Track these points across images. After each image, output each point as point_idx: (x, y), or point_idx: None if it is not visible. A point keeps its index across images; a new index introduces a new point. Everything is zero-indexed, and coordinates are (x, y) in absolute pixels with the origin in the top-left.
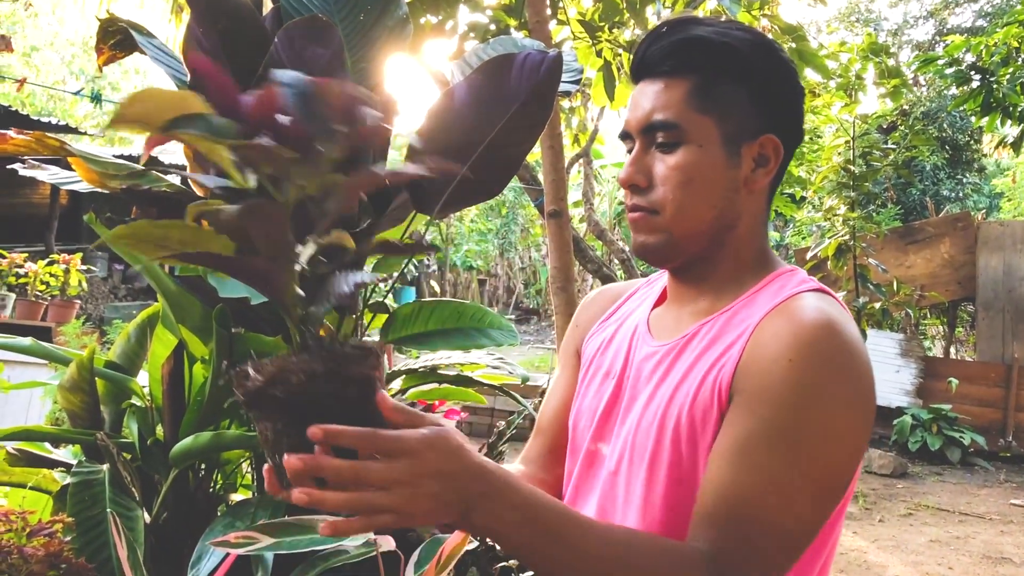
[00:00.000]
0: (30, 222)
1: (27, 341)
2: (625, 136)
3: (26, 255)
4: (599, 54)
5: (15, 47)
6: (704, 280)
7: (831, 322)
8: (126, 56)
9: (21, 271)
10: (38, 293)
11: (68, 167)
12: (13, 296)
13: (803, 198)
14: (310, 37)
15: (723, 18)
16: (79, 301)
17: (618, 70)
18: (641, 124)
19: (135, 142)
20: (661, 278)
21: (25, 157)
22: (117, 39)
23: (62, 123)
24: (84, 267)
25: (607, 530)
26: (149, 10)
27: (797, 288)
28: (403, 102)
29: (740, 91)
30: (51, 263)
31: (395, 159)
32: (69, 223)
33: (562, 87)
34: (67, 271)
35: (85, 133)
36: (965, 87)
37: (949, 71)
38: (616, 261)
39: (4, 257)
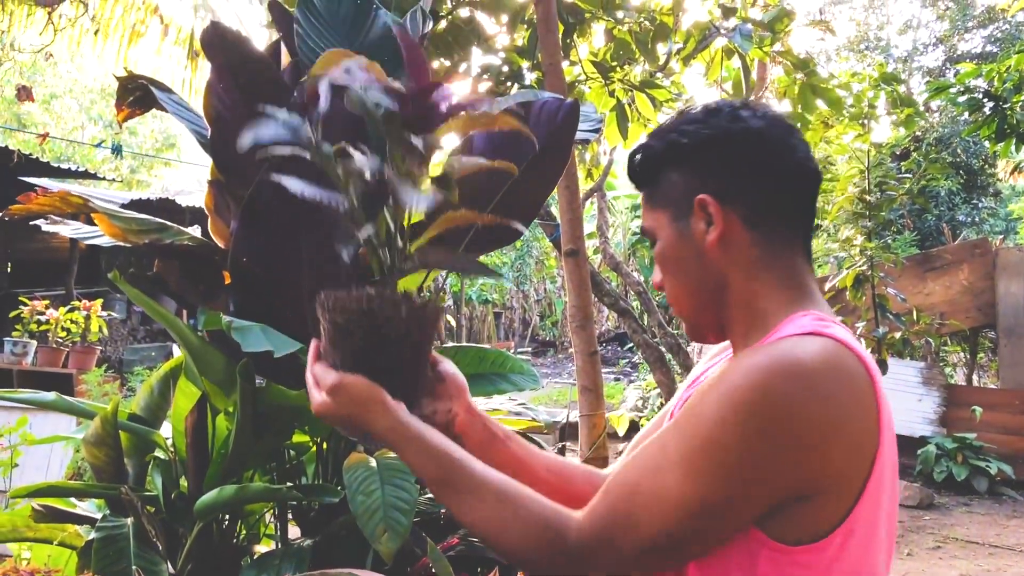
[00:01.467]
0: (51, 267)
1: (51, 396)
2: None
3: (47, 302)
4: (611, 94)
5: (36, 95)
6: (732, 339)
7: (760, 363)
8: (145, 112)
9: (42, 318)
10: (59, 340)
11: (90, 221)
12: (35, 343)
13: (818, 227)
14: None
15: (734, 57)
16: (99, 347)
17: (630, 106)
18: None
19: (153, 185)
20: None
21: (51, 216)
22: (137, 95)
23: (81, 168)
24: (104, 312)
25: (500, 476)
26: (166, 57)
27: (785, 333)
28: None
29: (673, 176)
30: (72, 309)
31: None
32: (89, 267)
33: (581, 135)
34: (88, 317)
35: (103, 178)
36: (978, 114)
37: (962, 99)
38: (632, 293)
39: (26, 304)
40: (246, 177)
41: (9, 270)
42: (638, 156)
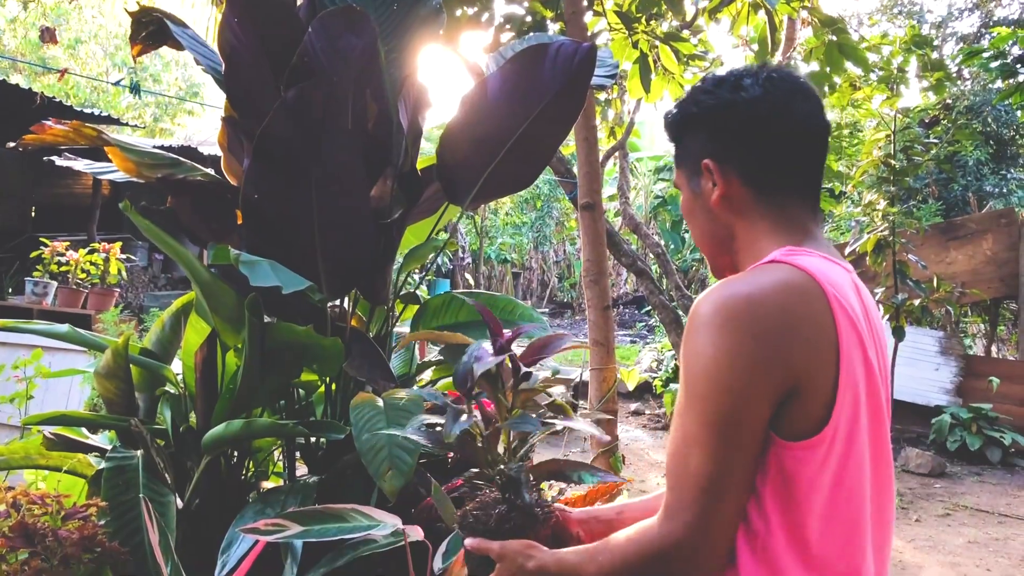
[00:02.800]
0: (73, 212)
1: (64, 328)
2: None
3: (68, 244)
4: (635, 46)
5: (61, 40)
6: None
7: (714, 292)
8: (160, 47)
9: (63, 259)
10: (79, 281)
11: (106, 158)
12: (55, 284)
13: (842, 193)
14: (344, 26)
15: (760, 13)
16: (119, 289)
17: (654, 63)
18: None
19: (176, 133)
20: None
21: (63, 147)
22: (151, 30)
23: (104, 114)
24: (124, 256)
25: (599, 546)
26: (190, 2)
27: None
28: (436, 92)
29: (689, 139)
30: (91, 251)
31: (428, 150)
32: (111, 213)
33: (597, 81)
34: (107, 259)
35: (127, 124)
36: (1011, 80)
37: (994, 64)
38: (651, 255)
39: (46, 246)
40: (260, 114)
41: (33, 215)
42: (666, 121)
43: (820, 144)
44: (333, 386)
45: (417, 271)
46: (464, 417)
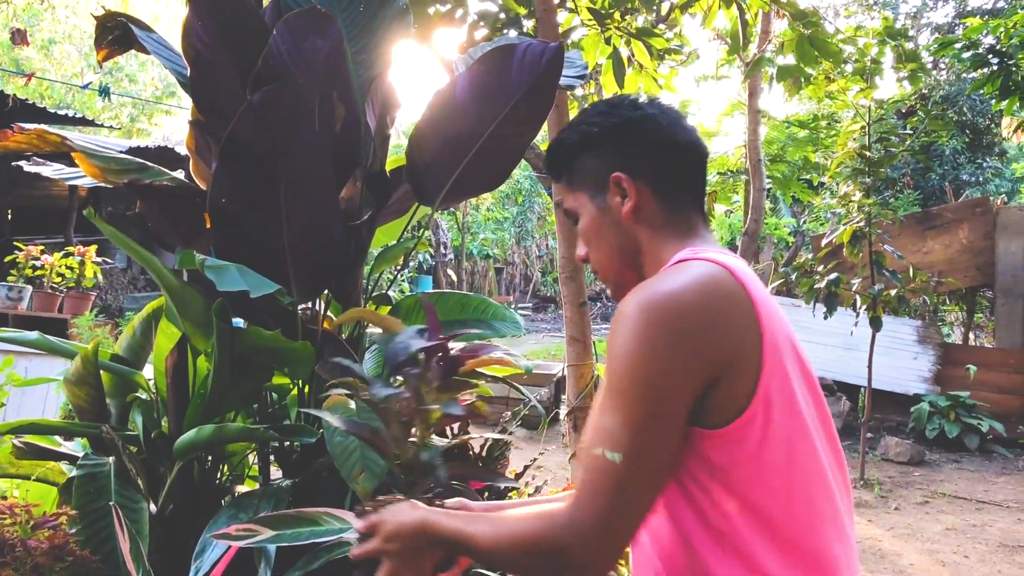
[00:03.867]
0: (50, 214)
1: (33, 335)
2: None
3: (42, 247)
4: (608, 41)
5: (35, 41)
6: None
7: (637, 292)
8: (125, 51)
9: (37, 263)
10: (54, 285)
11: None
12: (30, 288)
13: (821, 184)
14: (309, 29)
15: (733, 7)
16: (95, 292)
17: (628, 59)
18: (563, 214)
19: (153, 133)
20: None
21: (29, 153)
22: (116, 35)
23: (79, 115)
24: (100, 259)
25: (495, 517)
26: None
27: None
28: (406, 92)
29: (587, 159)
30: (67, 255)
31: (396, 154)
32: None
33: (566, 81)
34: (82, 263)
35: (103, 125)
36: (983, 70)
37: (967, 55)
38: None
39: (20, 250)
40: (226, 117)
41: (9, 217)
42: (555, 147)
43: (704, 161)
44: (306, 389)
45: (395, 269)
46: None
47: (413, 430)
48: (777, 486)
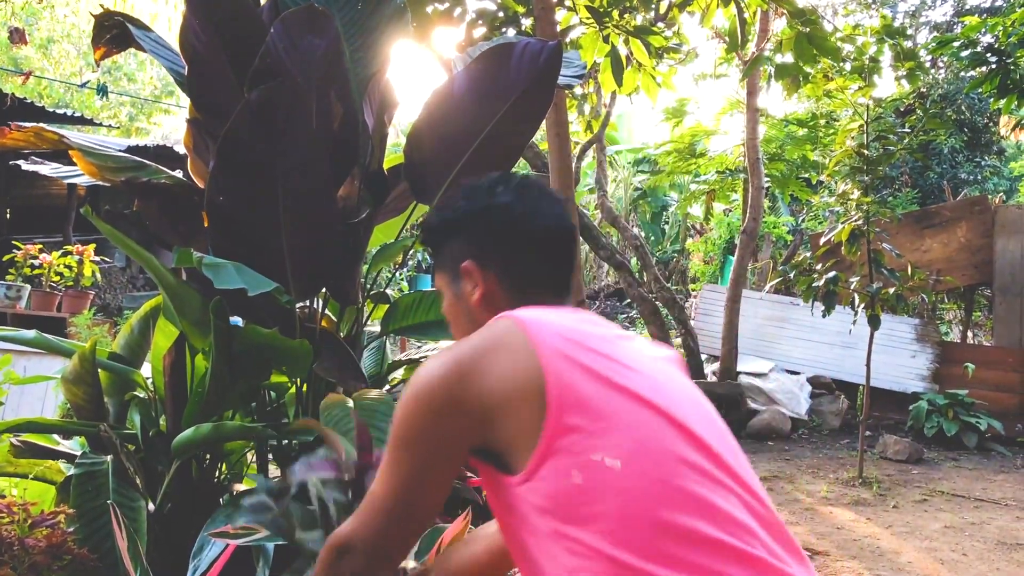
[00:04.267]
0: (49, 213)
1: (31, 334)
2: None
3: (40, 246)
4: (606, 39)
5: (33, 40)
6: None
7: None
8: (123, 50)
9: (36, 262)
10: (52, 284)
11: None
12: (28, 288)
13: (819, 182)
14: (306, 27)
15: (731, 5)
16: (94, 291)
17: (627, 58)
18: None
19: (152, 132)
20: None
21: (27, 151)
22: (114, 33)
23: (78, 114)
24: (99, 258)
25: None
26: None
27: None
28: (405, 91)
29: (448, 246)
30: (65, 254)
31: (395, 153)
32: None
33: (564, 80)
34: (81, 261)
35: (102, 124)
36: (982, 69)
37: (965, 53)
38: (629, 248)
39: (19, 249)
40: (223, 116)
41: (8, 216)
42: (424, 228)
43: (568, 242)
44: (304, 387)
45: (394, 267)
46: None
47: None
48: (621, 511)
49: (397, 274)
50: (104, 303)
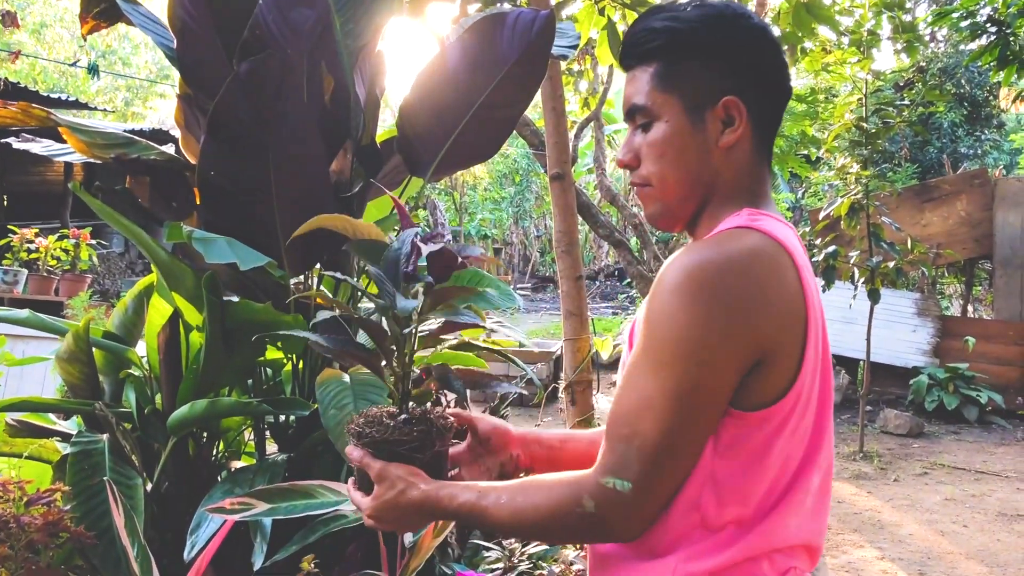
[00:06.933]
0: (45, 199)
1: (24, 313)
2: (624, 120)
3: (37, 231)
4: (602, 12)
5: (26, 24)
6: (695, 234)
7: (683, 258)
8: (112, 24)
9: (32, 246)
10: (49, 268)
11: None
12: (25, 272)
13: (819, 158)
14: None
15: None
16: (92, 275)
17: (625, 23)
18: (625, 110)
19: (148, 117)
20: None
21: (15, 128)
22: (102, 7)
23: (72, 99)
24: (95, 241)
25: (512, 486)
26: None
27: (720, 229)
28: (396, 63)
29: (696, 65)
30: (61, 238)
31: (387, 121)
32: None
33: (558, 51)
34: (77, 245)
35: (96, 108)
36: (981, 41)
37: (964, 24)
38: (629, 227)
39: (15, 233)
40: (213, 89)
41: (4, 203)
42: (660, 33)
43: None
44: (300, 364)
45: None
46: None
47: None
48: (769, 476)
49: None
50: (103, 288)
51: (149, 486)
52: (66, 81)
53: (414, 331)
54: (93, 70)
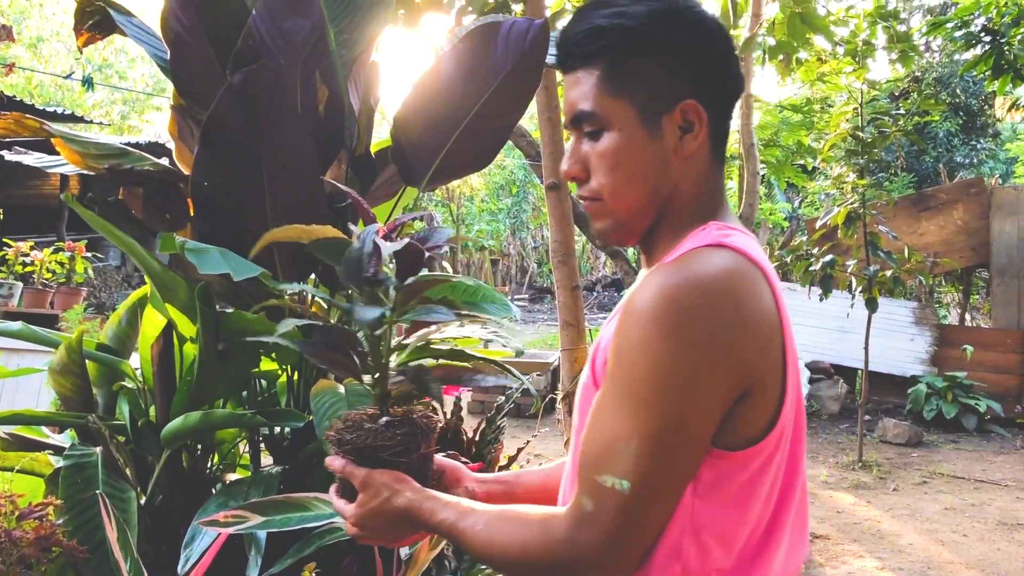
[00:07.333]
0: (42, 213)
1: (16, 325)
2: (566, 127)
3: (32, 244)
4: None
5: (23, 39)
6: (653, 250)
7: (657, 281)
8: (107, 36)
9: (27, 260)
10: (44, 281)
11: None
12: (20, 285)
13: (815, 168)
14: (289, 8)
15: None
16: (87, 288)
17: None
18: (569, 117)
19: (144, 130)
20: None
21: (8, 140)
22: (96, 20)
23: (68, 112)
24: (89, 254)
25: (489, 514)
26: None
27: (688, 247)
28: (391, 73)
29: (648, 65)
30: (57, 251)
31: (383, 132)
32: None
33: (553, 61)
34: (72, 258)
35: (93, 122)
36: (976, 49)
37: (959, 33)
38: None
39: (10, 246)
40: (207, 100)
41: (1, 218)
42: (604, 30)
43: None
44: (295, 375)
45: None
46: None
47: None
48: (753, 516)
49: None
50: (99, 302)
51: (143, 499)
52: (62, 95)
53: (388, 331)
54: (88, 82)
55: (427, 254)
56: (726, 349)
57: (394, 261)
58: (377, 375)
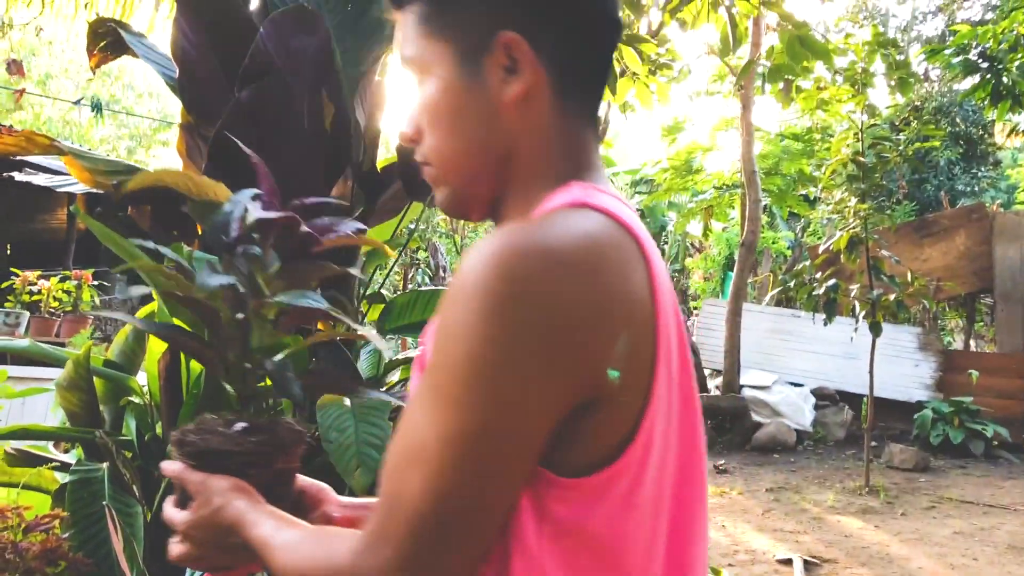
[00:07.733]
0: (49, 247)
1: (25, 342)
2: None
3: (39, 272)
4: None
5: (31, 75)
6: (502, 220)
7: (494, 246)
8: (118, 57)
9: (34, 288)
10: (51, 310)
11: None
12: (27, 314)
13: (817, 199)
14: (296, 26)
15: (721, 10)
16: (91, 315)
17: (619, 59)
18: (400, 64)
19: (151, 164)
20: None
21: (18, 157)
22: (107, 41)
23: (76, 146)
24: (95, 282)
25: (309, 531)
26: (160, 30)
27: (542, 209)
28: (394, 92)
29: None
30: (63, 279)
31: (385, 155)
32: (87, 246)
33: None
34: (79, 287)
35: (100, 157)
36: (974, 77)
37: (956, 60)
38: None
39: (17, 275)
40: (214, 117)
41: (8, 252)
42: None
43: (618, 41)
44: None
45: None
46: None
47: (250, 334)
48: (638, 551)
49: (390, 273)
50: (106, 335)
51: (149, 516)
52: (70, 131)
53: (252, 316)
54: (97, 108)
55: (322, 241)
56: (568, 339)
57: (268, 237)
58: (236, 370)
